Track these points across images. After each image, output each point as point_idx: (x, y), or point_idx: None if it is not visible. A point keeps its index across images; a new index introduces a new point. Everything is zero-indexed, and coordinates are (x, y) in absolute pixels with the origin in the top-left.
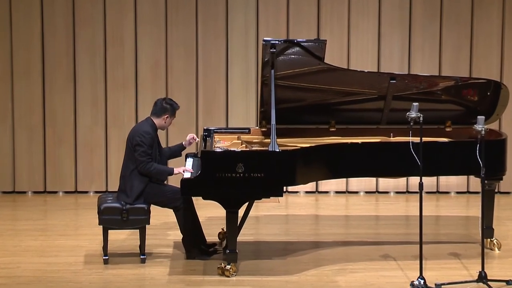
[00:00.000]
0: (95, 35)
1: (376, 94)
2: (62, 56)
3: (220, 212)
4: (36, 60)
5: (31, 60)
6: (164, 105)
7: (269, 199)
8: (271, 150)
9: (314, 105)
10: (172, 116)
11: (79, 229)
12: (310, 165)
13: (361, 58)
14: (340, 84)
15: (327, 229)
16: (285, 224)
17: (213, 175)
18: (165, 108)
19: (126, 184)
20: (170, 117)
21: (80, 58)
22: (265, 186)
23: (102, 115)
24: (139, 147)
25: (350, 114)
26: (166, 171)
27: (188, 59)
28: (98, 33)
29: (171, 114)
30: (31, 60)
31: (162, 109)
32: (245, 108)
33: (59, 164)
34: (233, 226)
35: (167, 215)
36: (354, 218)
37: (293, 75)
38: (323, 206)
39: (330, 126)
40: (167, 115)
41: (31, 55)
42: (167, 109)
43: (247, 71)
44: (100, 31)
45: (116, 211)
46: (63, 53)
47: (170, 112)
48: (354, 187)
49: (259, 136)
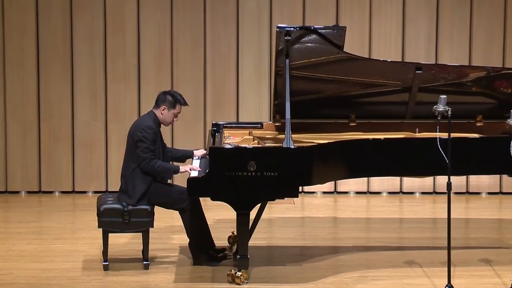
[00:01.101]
0: (94, 22)
1: (400, 85)
2: (58, 44)
3: (230, 214)
4: (29, 49)
5: (25, 49)
6: (164, 95)
7: (283, 200)
8: (286, 147)
9: (332, 97)
10: (171, 108)
11: (77, 232)
12: (328, 163)
13: (384, 46)
14: (360, 75)
15: (346, 233)
16: (301, 227)
17: (222, 174)
18: (164, 98)
19: (128, 184)
20: (169, 109)
21: (78, 47)
22: (279, 186)
23: (102, 109)
24: (141, 143)
25: (372, 107)
26: (172, 168)
27: (195, 48)
28: (97, 20)
29: (170, 106)
30: (24, 49)
31: (161, 99)
32: (257, 101)
33: (55, 162)
34: (244, 229)
35: (172, 218)
36: (376, 221)
37: (309, 65)
38: (342, 207)
39: (350, 121)
40: (164, 106)
41: (24, 44)
42: (165, 100)
43: (259, 61)
44: (100, 17)
45: (117, 212)
46: (59, 41)
47: (168, 103)
48: (376, 187)
49: (273, 131)
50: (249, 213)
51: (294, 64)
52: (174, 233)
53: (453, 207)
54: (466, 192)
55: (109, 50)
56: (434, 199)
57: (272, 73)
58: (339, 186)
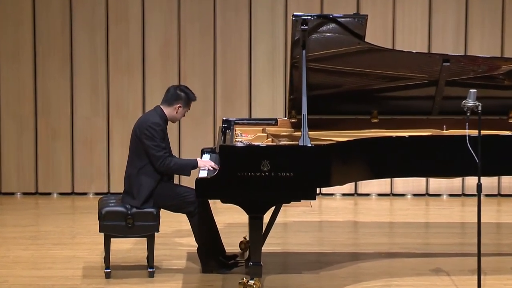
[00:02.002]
0: (95, 10)
1: (426, 79)
2: (56, 34)
3: (242, 218)
4: (25, 40)
5: (21, 40)
6: (178, 92)
7: (299, 203)
8: (302, 145)
9: (352, 92)
10: (185, 107)
11: (77, 237)
12: (348, 163)
13: (409, 36)
14: (383, 67)
15: (367, 238)
16: (318, 232)
17: (233, 174)
18: (179, 95)
19: (133, 185)
20: (184, 107)
21: (78, 37)
22: (295, 187)
23: (104, 104)
24: (150, 141)
25: (396, 102)
26: (189, 164)
27: (204, 38)
28: (99, 8)
29: (185, 104)
30: (20, 40)
31: (175, 96)
32: (271, 95)
33: (53, 161)
34: (257, 234)
35: (179, 221)
36: (400, 225)
37: (328, 57)
38: (363, 211)
39: (371, 117)
40: (179, 104)
41: (20, 34)
42: (180, 97)
43: (273, 52)
44: (101, 5)
45: (119, 216)
46: (58, 31)
47: (184, 101)
48: (399, 189)
49: (288, 128)
50: (262, 217)
51: (312, 56)
52: (182, 238)
53: (484, 210)
54: (497, 194)
55: (112, 40)
56: (463, 202)
57: (287, 65)
58: (360, 188)
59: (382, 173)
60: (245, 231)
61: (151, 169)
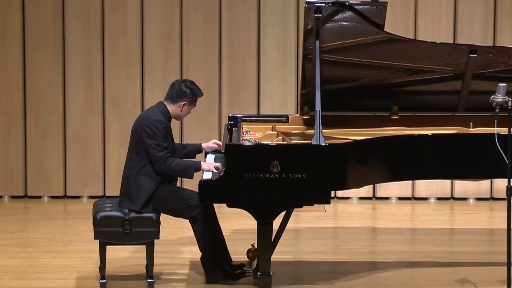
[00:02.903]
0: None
1: (451, 72)
2: (48, 24)
3: (250, 224)
4: (14, 29)
5: (8, 29)
6: (183, 89)
7: (312, 207)
8: (316, 144)
9: (370, 86)
10: (191, 104)
11: (69, 244)
12: (366, 164)
13: (432, 25)
14: (404, 59)
15: (387, 246)
16: (333, 239)
17: (240, 175)
18: (184, 92)
19: (131, 187)
20: (189, 105)
21: (71, 26)
22: (308, 190)
23: (99, 99)
24: (151, 139)
25: (417, 98)
26: (192, 166)
27: (208, 27)
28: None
29: (190, 102)
30: (7, 29)
31: (180, 93)
32: (281, 90)
33: (44, 161)
34: (266, 241)
35: (181, 227)
36: (422, 231)
37: (343, 48)
38: (382, 216)
39: (391, 114)
40: (184, 101)
41: (8, 23)
42: (185, 94)
43: (284, 43)
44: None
45: (116, 221)
46: (49, 20)
47: (189, 98)
48: (422, 192)
49: (300, 125)
50: (272, 222)
51: (326, 47)
52: (184, 246)
53: None
54: None
55: (108, 30)
56: (491, 206)
57: (299, 57)
58: (379, 191)
59: (402, 175)
60: (253, 238)
61: (152, 170)
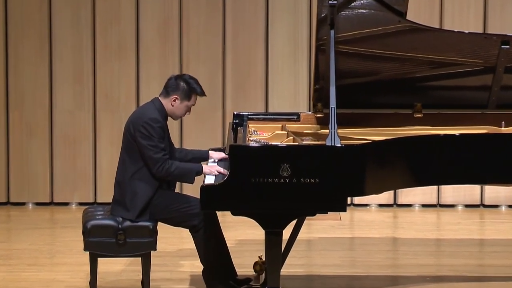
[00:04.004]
0: None
1: (481, 65)
2: (33, 11)
3: (257, 234)
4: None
5: None
6: (178, 82)
7: (326, 215)
8: (330, 145)
9: (391, 80)
10: (184, 100)
11: (57, 256)
12: (386, 167)
13: (460, 13)
14: (428, 51)
15: (409, 258)
16: (350, 250)
17: (246, 180)
18: (177, 85)
19: (125, 193)
20: (182, 100)
21: (59, 14)
22: (321, 197)
23: (89, 95)
24: (146, 140)
25: (443, 93)
26: (193, 169)
27: (211, 14)
28: None
29: (183, 97)
30: None
31: (173, 86)
32: (292, 85)
33: (28, 164)
34: (275, 253)
35: (181, 238)
36: (449, 242)
37: (361, 38)
38: (403, 225)
39: (414, 111)
40: (176, 95)
41: None
42: (178, 87)
43: (295, 32)
44: None
45: (109, 231)
46: (35, 6)
47: (182, 93)
48: (448, 199)
49: (313, 124)
50: (281, 232)
51: (341, 37)
52: (184, 258)
53: None
54: None
55: (99, 17)
56: None
57: (312, 49)
58: (400, 197)
59: (427, 180)
60: (260, 249)
61: (148, 174)
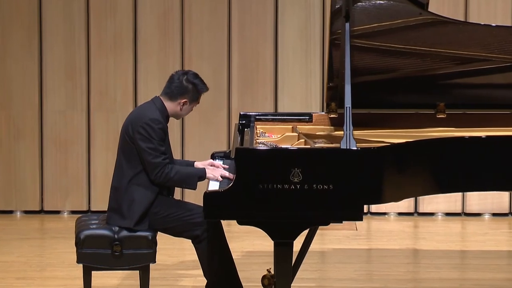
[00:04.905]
0: None
1: (509, 61)
2: (20, 1)
3: (266, 245)
4: None
5: None
6: (184, 83)
7: (341, 225)
8: (345, 148)
9: (411, 78)
10: (193, 102)
11: (47, 269)
12: (406, 172)
13: (487, 4)
14: (452, 46)
15: (431, 272)
16: (366, 263)
17: (253, 186)
18: (185, 88)
19: (122, 200)
20: (190, 103)
21: (49, 5)
22: (336, 204)
23: (83, 93)
24: (146, 143)
25: (469, 92)
26: (195, 174)
27: (215, 6)
28: None
29: (192, 99)
30: None
31: (180, 88)
32: (303, 82)
33: (16, 169)
34: (284, 266)
35: (182, 249)
36: (475, 254)
37: (379, 32)
38: (425, 235)
39: (437, 111)
40: (185, 99)
41: None
42: (186, 90)
43: (307, 25)
44: None
45: (104, 241)
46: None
47: (191, 95)
48: (474, 207)
49: (326, 126)
50: (292, 243)
51: (358, 30)
52: (185, 271)
53: None
54: None
55: (93, 9)
56: None
57: (325, 43)
58: (422, 205)
59: (451, 186)
60: (269, 261)
61: (146, 179)
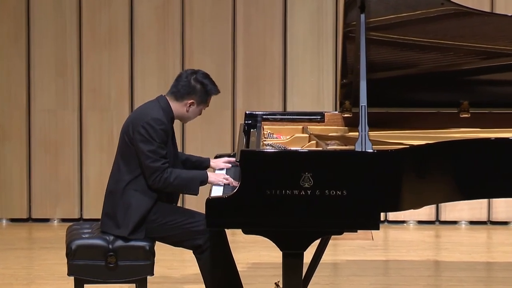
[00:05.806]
0: None
1: None
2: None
3: (273, 256)
4: None
5: None
6: (192, 83)
7: (356, 234)
8: (360, 151)
9: (432, 74)
10: (201, 104)
11: (35, 282)
12: (427, 177)
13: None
14: (477, 39)
15: (454, 285)
16: (384, 275)
17: (260, 192)
18: (193, 87)
19: (117, 206)
20: (198, 104)
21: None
22: (350, 212)
23: (74, 91)
24: (146, 145)
25: (494, 89)
26: (197, 178)
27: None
28: None
29: (200, 101)
30: None
31: (187, 87)
32: (315, 79)
33: (2, 174)
34: (294, 279)
35: (183, 260)
36: (502, 266)
37: (397, 24)
38: (447, 245)
39: (460, 110)
40: (192, 99)
41: None
42: (194, 90)
43: (318, 17)
44: None
45: (97, 252)
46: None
47: (199, 96)
48: (500, 215)
49: (339, 126)
50: (302, 254)
51: (374, 22)
52: (186, 285)
53: None
54: None
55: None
56: None
57: (338, 36)
58: (444, 213)
59: (475, 192)
60: (277, 274)
61: (145, 184)
